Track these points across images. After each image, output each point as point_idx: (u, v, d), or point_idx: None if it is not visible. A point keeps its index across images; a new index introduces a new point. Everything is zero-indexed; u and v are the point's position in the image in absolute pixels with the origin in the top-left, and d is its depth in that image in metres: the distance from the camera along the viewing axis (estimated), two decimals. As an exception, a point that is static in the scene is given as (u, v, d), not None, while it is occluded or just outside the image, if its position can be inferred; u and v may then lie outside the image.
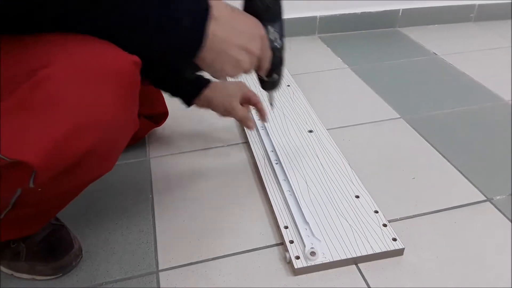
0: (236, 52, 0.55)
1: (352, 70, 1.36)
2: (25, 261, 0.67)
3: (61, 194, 0.61)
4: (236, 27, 0.55)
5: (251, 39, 0.57)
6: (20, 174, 0.46)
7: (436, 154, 0.97)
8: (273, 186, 0.84)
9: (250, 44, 0.56)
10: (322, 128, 1.02)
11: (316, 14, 1.60)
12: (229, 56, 0.55)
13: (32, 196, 0.55)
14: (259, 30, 0.58)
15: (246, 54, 0.57)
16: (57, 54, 0.45)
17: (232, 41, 0.54)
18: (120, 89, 0.49)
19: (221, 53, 0.54)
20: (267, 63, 0.63)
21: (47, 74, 0.43)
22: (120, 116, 0.50)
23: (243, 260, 0.72)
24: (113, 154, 0.56)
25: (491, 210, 0.82)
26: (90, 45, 0.46)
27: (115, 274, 0.70)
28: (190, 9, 0.50)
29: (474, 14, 1.75)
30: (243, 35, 0.55)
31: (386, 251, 0.70)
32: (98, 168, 0.55)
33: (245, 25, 0.56)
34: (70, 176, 0.51)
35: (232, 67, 0.56)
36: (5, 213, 0.58)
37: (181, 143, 1.01)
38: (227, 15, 0.53)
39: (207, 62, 0.54)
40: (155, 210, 0.82)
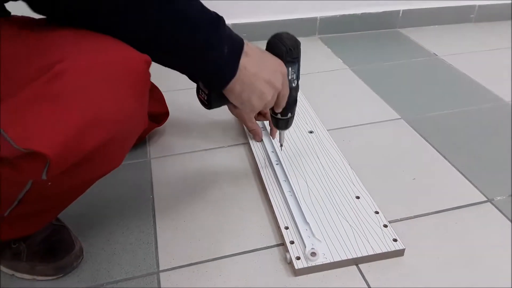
0: (262, 85, 0.62)
1: (352, 71, 1.37)
2: (26, 262, 0.67)
3: (67, 190, 0.61)
4: (263, 64, 0.62)
5: (275, 74, 0.63)
6: (33, 165, 0.46)
7: (436, 154, 0.97)
8: (274, 186, 0.84)
9: (274, 79, 0.63)
10: (323, 129, 1.02)
11: (317, 15, 1.60)
12: (256, 88, 0.61)
13: (39, 191, 0.55)
14: (282, 68, 0.65)
15: (270, 88, 0.63)
16: (73, 49, 0.45)
17: (260, 75, 0.61)
18: (133, 86, 0.49)
19: (249, 85, 0.61)
20: (285, 99, 0.69)
21: (64, 68, 0.44)
22: (132, 112, 0.51)
23: (244, 260, 0.72)
24: (123, 150, 0.56)
25: (491, 210, 0.82)
26: (104, 42, 0.47)
27: (116, 275, 0.70)
28: (229, 40, 0.56)
29: (474, 15, 1.75)
30: (269, 71, 0.62)
31: (387, 252, 0.70)
32: (107, 164, 0.56)
33: (270, 63, 0.64)
34: (80, 170, 0.51)
35: (257, 98, 0.63)
36: (9, 211, 0.58)
37: (181, 144, 1.01)
38: (256, 53, 0.61)
39: (236, 92, 0.61)
40: (155, 210, 0.82)
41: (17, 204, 0.57)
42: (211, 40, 0.54)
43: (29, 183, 0.53)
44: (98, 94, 0.46)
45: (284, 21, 1.56)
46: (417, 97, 1.21)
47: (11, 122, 0.43)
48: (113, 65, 0.47)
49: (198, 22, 0.51)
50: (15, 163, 0.46)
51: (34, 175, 0.47)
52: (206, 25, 0.52)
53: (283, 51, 0.67)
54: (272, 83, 0.63)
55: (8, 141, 0.43)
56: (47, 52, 0.46)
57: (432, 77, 1.33)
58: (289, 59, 0.68)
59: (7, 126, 0.43)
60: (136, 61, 0.49)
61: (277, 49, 0.67)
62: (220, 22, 0.55)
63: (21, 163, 0.46)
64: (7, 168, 0.47)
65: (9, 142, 0.43)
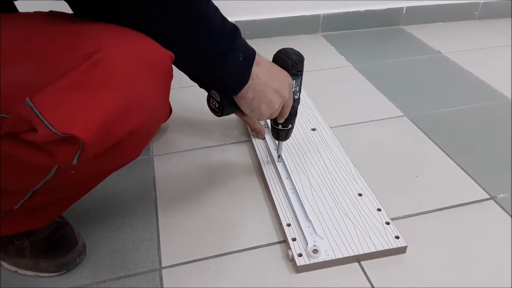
0: (272, 93, 0.67)
1: (355, 68, 1.36)
2: (29, 258, 0.68)
3: (82, 182, 0.63)
4: (273, 74, 0.67)
5: (283, 85, 0.68)
6: (66, 150, 0.47)
7: (439, 152, 0.97)
8: (276, 184, 0.84)
9: (282, 88, 0.68)
10: (325, 126, 1.01)
11: (320, 12, 1.59)
12: (265, 96, 0.66)
13: (57, 181, 0.56)
14: (288, 79, 0.70)
15: (278, 97, 0.68)
16: (110, 40, 0.48)
17: (270, 84, 0.66)
18: (161, 77, 0.52)
19: (260, 93, 0.66)
20: (289, 110, 0.74)
21: (102, 57, 0.46)
22: (160, 102, 0.53)
23: (246, 257, 0.72)
24: (147, 140, 0.58)
25: (494, 208, 0.81)
26: (133, 35, 0.50)
27: (118, 271, 0.70)
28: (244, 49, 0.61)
29: (478, 12, 1.74)
30: (277, 80, 0.67)
31: (389, 249, 0.70)
32: (131, 153, 0.57)
33: (279, 73, 0.69)
34: (106, 158, 0.52)
35: (266, 106, 0.68)
36: (21, 203, 0.59)
37: (184, 141, 1.01)
38: (266, 63, 0.67)
39: (248, 99, 0.66)
40: (158, 207, 0.82)
41: (30, 196, 0.58)
42: (230, 48, 0.58)
43: (53, 171, 0.53)
44: (132, 82, 0.48)
45: (287, 19, 1.55)
46: (420, 94, 1.21)
47: (49, 108, 0.45)
48: (144, 56, 0.49)
49: (220, 31, 0.56)
50: (48, 148, 0.47)
51: (65, 160, 0.48)
52: (226, 34, 0.57)
53: (289, 64, 0.71)
54: (280, 92, 0.68)
55: (47, 126, 0.44)
56: (84, 42, 0.47)
57: (435, 74, 1.33)
58: (294, 72, 0.72)
59: (45, 112, 0.44)
60: (163, 54, 0.51)
61: (283, 62, 0.71)
62: (238, 32, 0.59)
63: (54, 148, 0.47)
64: (38, 153, 0.48)
65: (48, 127, 0.44)
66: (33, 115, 0.44)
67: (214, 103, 0.71)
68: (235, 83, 0.63)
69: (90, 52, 0.46)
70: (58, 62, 0.46)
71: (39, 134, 0.45)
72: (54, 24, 0.51)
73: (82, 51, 0.46)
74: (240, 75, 0.63)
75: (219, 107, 0.70)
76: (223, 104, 0.69)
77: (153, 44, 0.50)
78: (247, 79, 0.63)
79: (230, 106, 0.69)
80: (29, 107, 0.44)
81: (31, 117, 0.44)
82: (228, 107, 0.69)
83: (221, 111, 0.70)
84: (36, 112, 0.44)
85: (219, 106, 0.70)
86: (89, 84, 0.46)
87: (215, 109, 0.71)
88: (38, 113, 0.44)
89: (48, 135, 0.44)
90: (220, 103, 0.69)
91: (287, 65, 0.71)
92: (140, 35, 0.50)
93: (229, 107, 0.70)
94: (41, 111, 0.44)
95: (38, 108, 0.44)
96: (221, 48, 0.57)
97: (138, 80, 0.49)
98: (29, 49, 0.48)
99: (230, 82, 0.63)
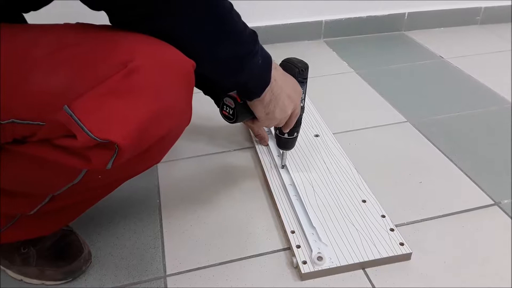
0: (285, 98, 0.68)
1: (358, 74, 1.37)
2: (35, 266, 0.68)
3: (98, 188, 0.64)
4: (287, 80, 0.69)
5: (295, 90, 0.70)
6: (102, 154, 0.48)
7: (443, 157, 0.97)
8: (280, 190, 0.84)
9: (294, 95, 0.70)
10: (328, 132, 1.02)
11: (322, 19, 1.60)
12: (280, 100, 0.67)
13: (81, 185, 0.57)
14: (298, 87, 0.72)
15: (291, 102, 0.69)
16: (142, 49, 0.49)
17: (285, 89, 0.67)
18: (186, 85, 0.53)
19: (276, 96, 0.67)
20: (297, 118, 0.75)
21: (136, 66, 0.47)
22: (186, 107, 0.55)
23: (250, 265, 0.72)
24: (171, 144, 0.60)
25: (498, 214, 0.81)
26: (161, 45, 0.51)
27: (123, 279, 0.70)
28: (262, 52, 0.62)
29: (480, 17, 1.74)
30: (290, 87, 0.69)
31: (394, 256, 0.70)
32: (155, 158, 0.59)
33: (291, 80, 0.70)
34: (135, 162, 0.54)
35: (280, 110, 0.69)
36: (38, 208, 0.60)
37: (187, 148, 1.01)
38: (280, 69, 0.68)
39: (265, 102, 0.67)
40: (162, 215, 0.82)
41: (48, 201, 0.59)
42: (252, 51, 0.59)
43: (81, 175, 0.54)
44: (163, 89, 0.50)
45: (290, 25, 1.56)
46: (423, 100, 1.21)
47: (88, 115, 0.46)
48: (172, 64, 0.51)
49: (243, 35, 0.57)
50: (84, 153, 0.48)
51: (100, 165, 0.49)
52: (248, 37, 0.58)
53: (296, 72, 0.73)
54: (293, 98, 0.69)
55: (86, 132, 0.45)
56: (118, 51, 0.49)
57: (438, 79, 1.33)
58: (300, 79, 0.73)
59: (84, 118, 0.45)
60: (187, 62, 0.53)
61: (289, 70, 0.72)
62: (257, 36, 0.61)
63: (91, 153, 0.48)
64: (72, 158, 0.49)
65: (87, 133, 0.45)
66: (72, 122, 0.45)
67: (228, 110, 0.72)
68: (258, 84, 0.65)
69: (125, 60, 0.47)
70: (93, 70, 0.48)
71: (79, 140, 0.46)
72: (87, 33, 0.52)
73: (117, 60, 0.47)
74: (262, 77, 0.64)
75: (234, 114, 0.71)
76: (237, 110, 0.70)
77: (178, 53, 0.52)
78: (268, 80, 0.64)
79: (245, 112, 0.70)
80: (68, 114, 0.45)
81: (70, 124, 0.45)
82: (242, 113, 0.71)
83: (236, 117, 0.71)
84: (75, 118, 0.45)
85: (233, 112, 0.71)
86: (125, 92, 0.47)
87: (229, 116, 0.72)
88: (78, 120, 0.45)
89: (87, 141, 0.45)
90: (234, 109, 0.71)
91: (294, 73, 0.72)
92: (166, 45, 0.52)
93: (243, 113, 0.71)
94: (80, 118, 0.45)
95: (77, 114, 0.45)
96: (245, 51, 0.59)
97: (168, 87, 0.50)
98: (65, 57, 0.49)
99: (253, 83, 0.64)
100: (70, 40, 0.51)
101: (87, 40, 0.51)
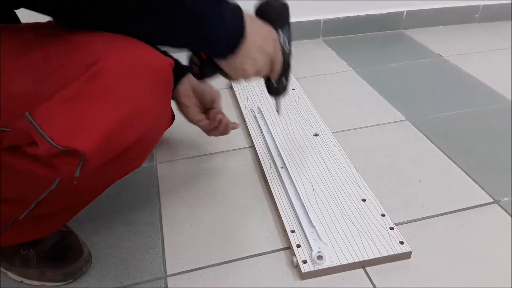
0: (255, 51, 0.60)
1: (357, 73, 1.37)
2: (35, 268, 0.68)
3: (86, 191, 0.62)
4: (256, 30, 0.60)
5: (266, 41, 0.62)
6: (68, 162, 0.47)
7: (442, 156, 0.97)
8: (279, 190, 0.84)
9: (266, 45, 0.62)
10: (328, 132, 1.02)
11: (320, 18, 1.60)
12: (248, 54, 0.60)
13: (61, 192, 0.56)
14: (272, 35, 0.63)
15: (262, 55, 0.61)
16: (109, 51, 0.47)
17: (253, 41, 0.59)
18: (162, 86, 0.51)
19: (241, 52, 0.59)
20: (279, 66, 0.66)
21: (102, 68, 0.45)
22: (161, 110, 0.53)
23: (251, 264, 0.72)
24: (150, 148, 0.57)
25: (498, 212, 0.81)
26: (135, 45, 0.49)
27: (124, 280, 0.70)
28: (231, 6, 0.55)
29: (478, 15, 1.74)
30: (260, 37, 0.61)
31: (394, 255, 0.70)
32: (133, 162, 0.57)
33: (261, 29, 0.62)
34: (108, 168, 0.52)
35: (250, 65, 0.61)
36: (26, 213, 0.59)
37: (187, 148, 1.01)
38: (248, 19, 0.58)
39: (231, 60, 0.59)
40: (162, 215, 0.82)
41: (34, 207, 0.58)
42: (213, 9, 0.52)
43: (56, 182, 0.53)
44: (133, 92, 0.48)
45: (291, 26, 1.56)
46: (422, 98, 1.21)
47: (49, 122, 0.44)
48: (144, 66, 0.49)
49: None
50: (50, 161, 0.47)
51: (68, 173, 0.48)
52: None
53: (272, 16, 0.65)
54: (265, 49, 0.62)
55: (47, 140, 0.44)
56: (83, 53, 0.47)
57: (437, 78, 1.33)
58: (280, 23, 0.66)
59: (45, 126, 0.44)
60: (163, 63, 0.51)
61: (265, 15, 0.65)
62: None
63: (56, 161, 0.47)
64: (40, 166, 0.48)
65: (48, 141, 0.44)
66: (33, 129, 0.44)
67: (195, 68, 0.66)
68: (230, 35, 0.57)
69: (89, 63, 0.45)
70: (57, 74, 0.46)
71: (40, 148, 0.45)
72: (54, 35, 0.50)
73: (82, 63, 0.46)
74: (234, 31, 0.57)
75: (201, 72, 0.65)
76: (204, 69, 0.65)
77: (153, 52, 0.50)
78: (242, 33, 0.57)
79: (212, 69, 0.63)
80: (29, 121, 0.44)
81: (32, 131, 0.44)
82: (210, 71, 0.64)
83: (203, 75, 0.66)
84: (36, 126, 0.44)
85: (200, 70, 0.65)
86: (89, 96, 0.45)
87: (197, 73, 0.66)
88: (39, 128, 0.44)
89: (49, 149, 0.44)
90: (200, 68, 0.65)
91: (270, 18, 0.65)
92: (141, 44, 0.50)
93: (211, 70, 0.64)
94: (41, 126, 0.44)
95: (38, 122, 0.44)
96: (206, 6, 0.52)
97: (138, 89, 0.48)
98: (28, 61, 0.48)
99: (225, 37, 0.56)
100: (37, 42, 0.49)
101: (54, 43, 0.49)
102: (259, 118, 1.07)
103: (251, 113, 1.10)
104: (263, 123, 1.05)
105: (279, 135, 1.00)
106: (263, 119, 1.06)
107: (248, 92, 1.20)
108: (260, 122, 1.05)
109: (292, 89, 1.21)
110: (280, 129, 1.02)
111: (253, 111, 1.11)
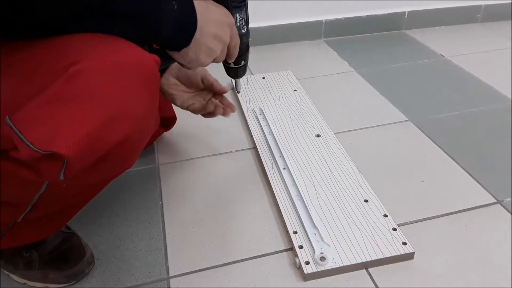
0: (209, 40, 0.58)
1: (358, 74, 1.36)
2: (38, 270, 0.68)
3: (80, 193, 0.62)
4: (208, 17, 0.57)
5: (222, 27, 0.60)
6: (51, 166, 0.46)
7: (445, 156, 0.97)
8: (282, 191, 0.84)
9: (222, 32, 0.60)
10: (330, 132, 1.02)
11: (322, 18, 1.60)
12: (202, 44, 0.58)
13: (53, 194, 0.55)
14: (229, 19, 0.61)
15: (218, 43, 0.60)
16: (88, 51, 0.46)
17: (205, 30, 0.57)
18: (146, 85, 0.50)
19: (195, 42, 0.57)
20: (237, 49, 0.66)
21: (80, 69, 0.45)
22: (146, 110, 0.51)
23: (253, 266, 0.72)
24: (137, 149, 0.56)
25: (501, 212, 0.81)
26: (116, 44, 0.48)
27: (126, 281, 0.70)
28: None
29: (480, 15, 1.74)
30: (214, 24, 0.58)
31: (396, 255, 0.70)
32: (122, 164, 0.56)
33: (216, 14, 0.59)
34: (94, 171, 0.52)
35: (205, 55, 0.60)
36: (23, 216, 0.59)
37: (189, 149, 1.01)
38: (199, 5, 0.56)
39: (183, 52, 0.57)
40: (164, 216, 0.82)
41: (30, 209, 0.58)
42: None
43: (44, 185, 0.53)
44: (113, 93, 0.47)
45: (290, 25, 1.56)
46: (424, 98, 1.21)
47: (29, 126, 0.44)
48: (126, 65, 0.48)
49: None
50: (33, 165, 0.47)
51: (52, 176, 0.48)
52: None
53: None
54: (220, 37, 0.60)
55: (27, 145, 0.44)
56: (63, 54, 0.46)
57: (439, 78, 1.33)
58: (235, 5, 0.65)
59: (25, 130, 0.44)
60: (147, 61, 0.49)
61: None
62: None
63: (39, 165, 0.47)
64: (25, 170, 0.48)
65: (28, 145, 0.44)
66: (13, 134, 0.44)
67: None
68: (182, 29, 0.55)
69: (68, 64, 0.45)
70: (36, 77, 0.46)
71: (21, 152, 0.44)
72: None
73: (61, 63, 0.45)
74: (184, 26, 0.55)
75: None
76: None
77: (136, 51, 0.49)
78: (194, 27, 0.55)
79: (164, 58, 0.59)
80: (9, 126, 0.44)
81: (12, 136, 0.44)
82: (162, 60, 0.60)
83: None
84: (16, 131, 0.44)
85: None
86: (68, 98, 0.45)
87: None
88: (18, 132, 0.44)
89: (30, 154, 0.44)
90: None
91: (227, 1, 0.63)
92: (124, 42, 0.49)
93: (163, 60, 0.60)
94: (21, 130, 0.44)
95: (17, 127, 0.44)
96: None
97: (119, 89, 0.47)
98: (7, 64, 0.47)
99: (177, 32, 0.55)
100: (16, 45, 0.49)
101: (34, 44, 0.48)
102: (261, 119, 1.07)
103: (253, 114, 1.10)
104: (265, 124, 1.05)
105: (281, 136, 1.00)
106: (265, 120, 1.06)
107: (250, 93, 1.20)
108: (262, 123, 1.05)
109: (294, 90, 1.21)
110: (282, 130, 1.02)
111: (255, 112, 1.11)
